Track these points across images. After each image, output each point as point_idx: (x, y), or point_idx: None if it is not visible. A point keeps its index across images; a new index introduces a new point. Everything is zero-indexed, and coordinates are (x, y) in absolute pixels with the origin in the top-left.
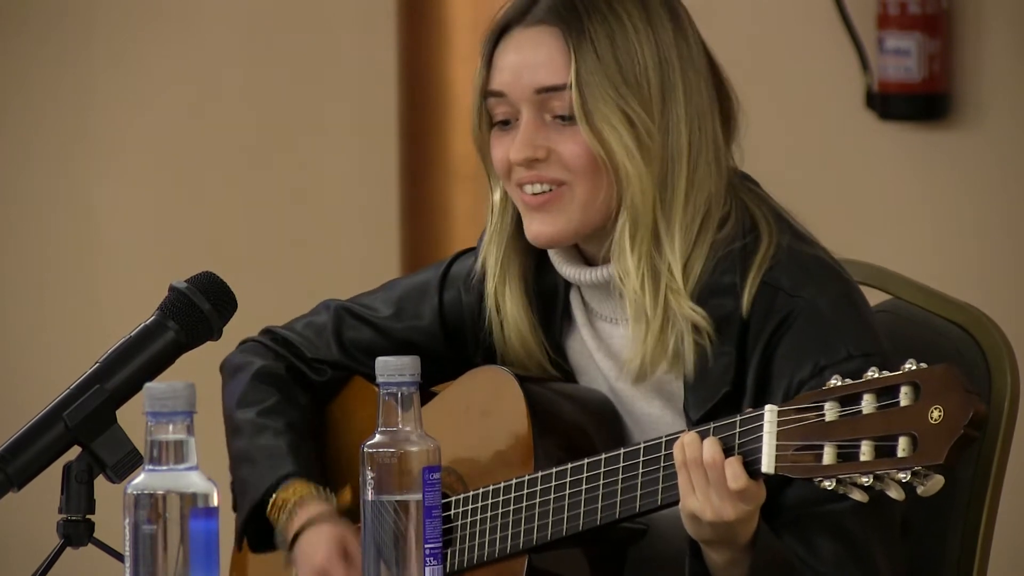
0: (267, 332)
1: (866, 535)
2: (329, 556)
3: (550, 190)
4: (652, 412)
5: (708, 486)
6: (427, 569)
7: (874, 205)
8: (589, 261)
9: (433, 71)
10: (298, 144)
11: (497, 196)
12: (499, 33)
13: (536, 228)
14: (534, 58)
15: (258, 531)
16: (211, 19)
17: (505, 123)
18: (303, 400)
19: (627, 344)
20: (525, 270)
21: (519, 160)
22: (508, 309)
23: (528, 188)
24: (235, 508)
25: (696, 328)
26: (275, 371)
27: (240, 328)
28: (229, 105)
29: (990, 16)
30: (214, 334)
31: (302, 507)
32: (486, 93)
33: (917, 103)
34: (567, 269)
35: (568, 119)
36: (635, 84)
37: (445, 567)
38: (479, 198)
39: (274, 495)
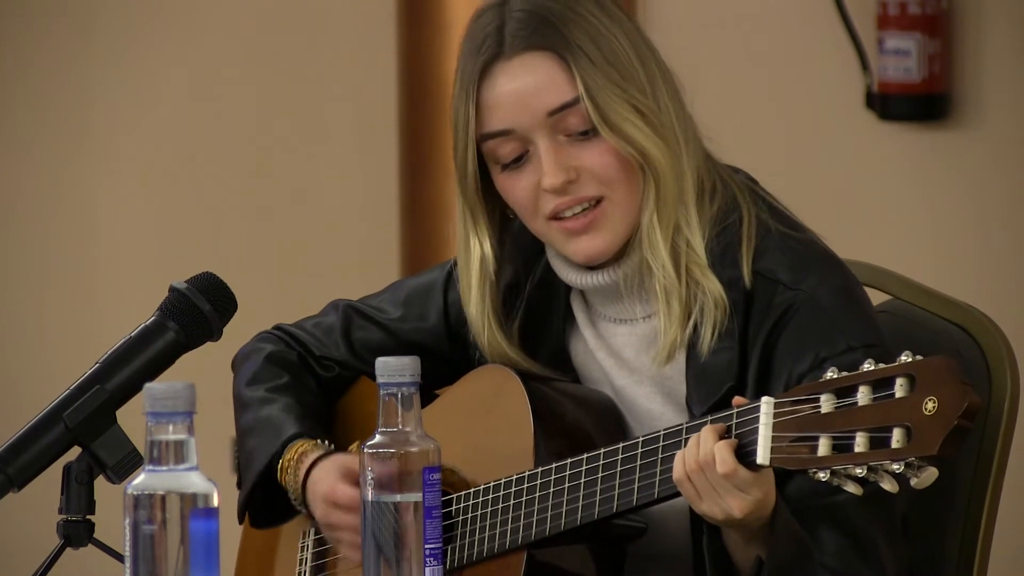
0: (278, 328)
1: (869, 526)
2: (333, 482)
3: (588, 207)
4: (653, 409)
5: (712, 488)
6: (427, 569)
7: (874, 205)
8: (590, 264)
9: (433, 71)
10: (298, 144)
11: (487, 247)
12: (479, 73)
13: (585, 247)
14: (535, 83)
15: (263, 504)
16: (211, 19)
17: (516, 161)
18: (313, 385)
19: (631, 341)
20: (513, 293)
21: (556, 186)
22: (498, 351)
23: (567, 212)
24: (239, 484)
25: (716, 302)
26: (287, 356)
27: (240, 328)
28: (229, 105)
29: (990, 16)
30: (214, 335)
31: (302, 461)
32: (483, 136)
33: (917, 103)
34: (571, 274)
35: (586, 133)
36: (629, 75)
37: (446, 563)
38: None
39: (285, 451)
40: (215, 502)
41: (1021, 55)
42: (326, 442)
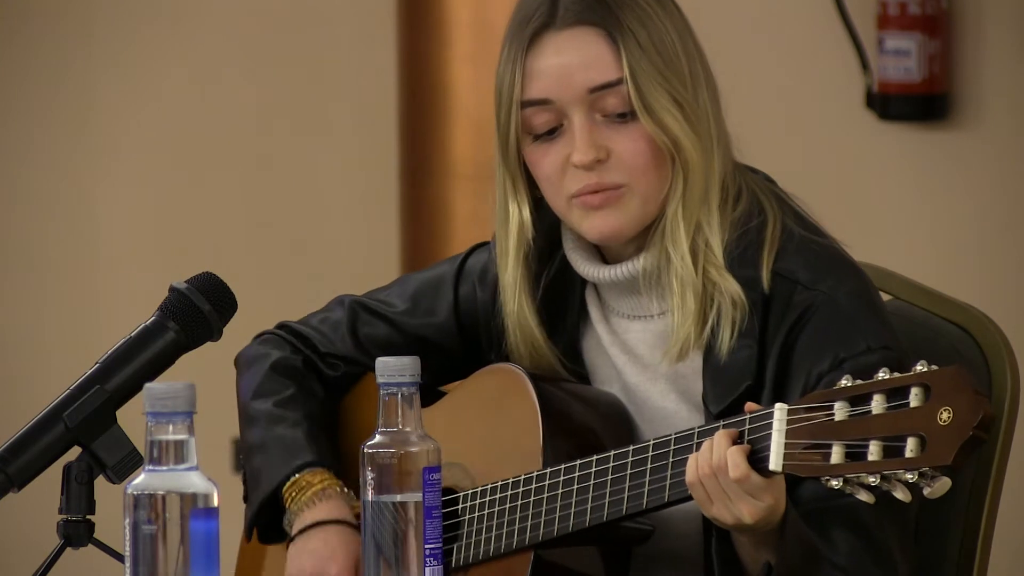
0: (282, 326)
1: (882, 528)
2: (344, 569)
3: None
4: (667, 407)
5: (723, 493)
6: (427, 569)
7: (874, 205)
8: (608, 258)
9: (433, 71)
10: (298, 144)
11: (526, 214)
12: (527, 41)
13: (599, 224)
14: (581, 58)
15: (270, 521)
16: (211, 19)
17: (549, 133)
18: (319, 392)
19: (645, 338)
20: (535, 282)
21: (585, 163)
22: (522, 324)
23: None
24: (245, 499)
25: (733, 302)
26: (292, 363)
27: (240, 328)
28: (229, 105)
29: (990, 16)
30: (214, 335)
31: (327, 499)
32: (523, 103)
33: (917, 103)
34: (587, 268)
35: (624, 116)
36: (675, 67)
37: (452, 562)
38: (479, 198)
39: (296, 476)
40: (215, 502)
41: (1021, 55)
42: (347, 488)
